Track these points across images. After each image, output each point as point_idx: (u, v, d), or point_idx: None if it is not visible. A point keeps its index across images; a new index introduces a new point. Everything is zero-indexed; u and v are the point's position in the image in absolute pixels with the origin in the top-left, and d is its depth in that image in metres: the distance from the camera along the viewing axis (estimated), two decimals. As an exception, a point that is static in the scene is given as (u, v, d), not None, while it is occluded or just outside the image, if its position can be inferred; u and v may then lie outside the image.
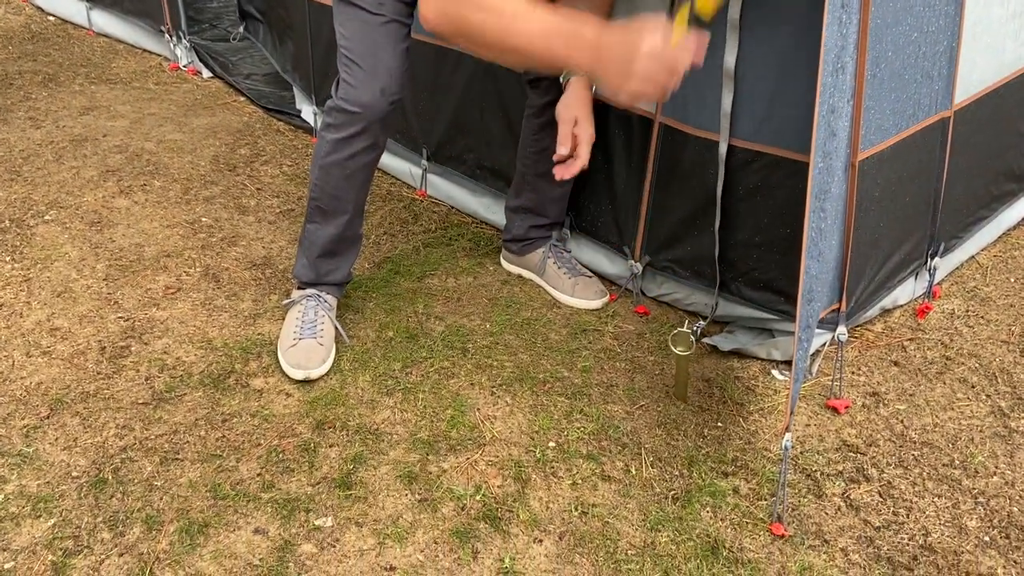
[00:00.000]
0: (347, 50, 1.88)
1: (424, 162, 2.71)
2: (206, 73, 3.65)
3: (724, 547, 1.61)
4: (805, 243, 1.59)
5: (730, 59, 1.87)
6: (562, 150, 1.93)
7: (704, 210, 2.06)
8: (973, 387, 2.01)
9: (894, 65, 1.83)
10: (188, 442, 1.81)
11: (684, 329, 1.92)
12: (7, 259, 2.37)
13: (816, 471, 1.79)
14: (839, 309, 1.97)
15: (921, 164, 2.05)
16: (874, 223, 1.96)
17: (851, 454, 1.83)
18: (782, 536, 1.64)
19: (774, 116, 1.88)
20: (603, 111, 2.13)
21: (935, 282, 2.27)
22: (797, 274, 1.90)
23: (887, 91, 1.84)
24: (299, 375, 1.97)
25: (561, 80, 2.01)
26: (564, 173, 1.94)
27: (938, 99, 2.02)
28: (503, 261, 2.44)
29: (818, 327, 1.95)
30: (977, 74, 2.14)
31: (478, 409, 1.92)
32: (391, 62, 1.86)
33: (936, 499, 1.73)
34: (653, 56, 1.30)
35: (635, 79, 1.32)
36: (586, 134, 1.93)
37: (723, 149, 1.94)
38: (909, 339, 2.16)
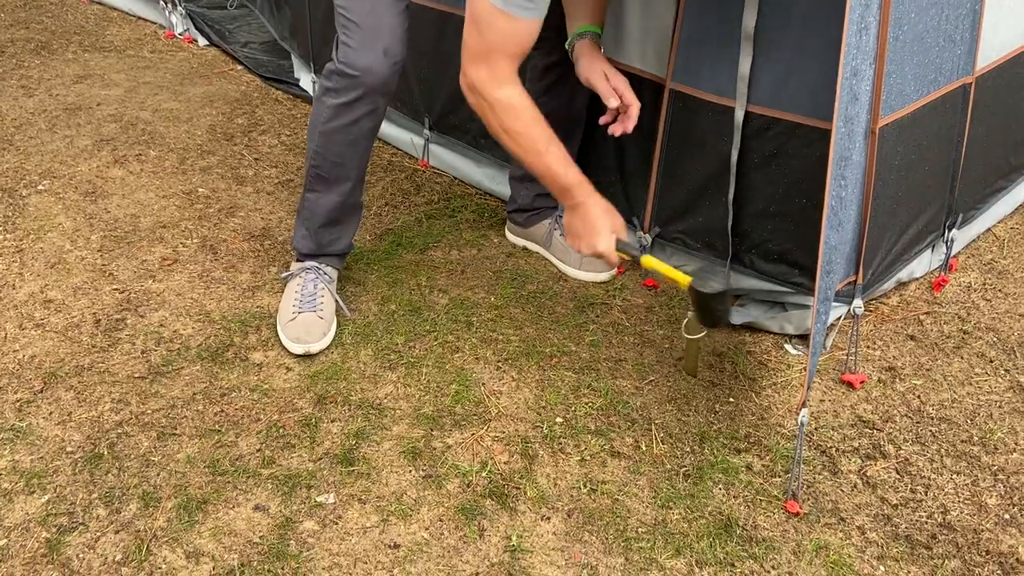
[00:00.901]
0: (345, 10, 1.81)
1: (426, 132, 2.64)
2: (202, 41, 3.56)
3: (737, 525, 1.57)
4: (825, 212, 1.54)
5: (750, 21, 1.80)
6: (612, 102, 1.89)
7: (717, 179, 1.99)
8: (991, 362, 1.96)
9: (916, 28, 1.76)
10: (186, 417, 1.76)
11: (693, 337, 1.85)
12: (-1, 230, 2.31)
13: (831, 447, 1.74)
14: (855, 282, 1.91)
15: (941, 132, 1.98)
16: (892, 193, 1.90)
17: (867, 430, 1.78)
18: (797, 514, 1.59)
19: (792, 80, 1.81)
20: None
21: (952, 254, 2.21)
22: (812, 246, 1.84)
23: (909, 54, 1.77)
24: (299, 349, 1.92)
25: (568, 49, 1.95)
26: (626, 126, 1.90)
27: (960, 64, 1.95)
28: (508, 233, 2.38)
29: (834, 300, 1.89)
30: (1000, 38, 2.07)
31: (483, 384, 1.87)
32: (392, 20, 1.79)
33: (955, 476, 1.68)
34: (594, 249, 1.76)
35: (577, 242, 1.78)
36: (623, 81, 1.90)
37: (739, 115, 1.88)
38: (925, 313, 2.11)
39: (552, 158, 1.72)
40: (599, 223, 1.74)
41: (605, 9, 1.95)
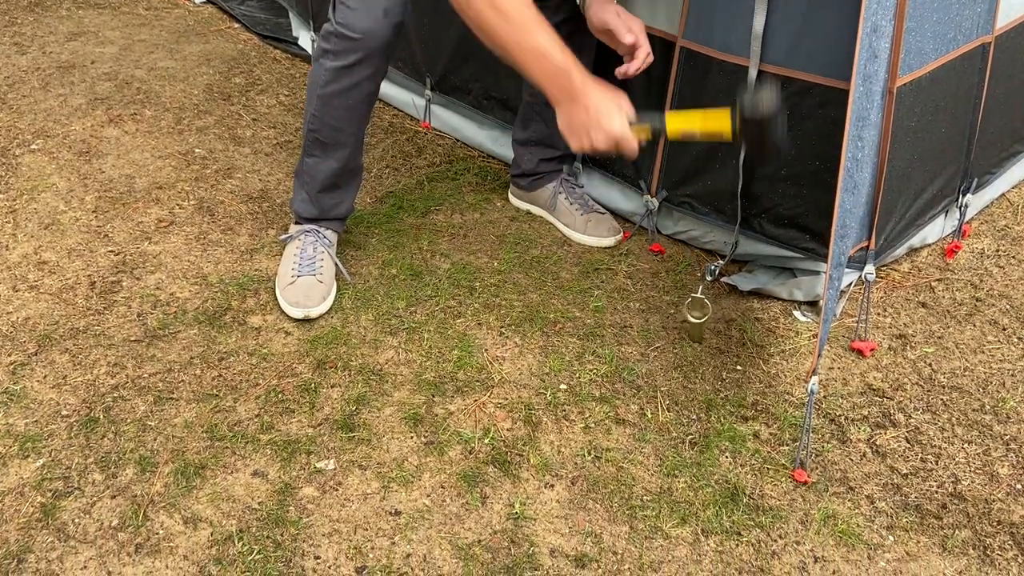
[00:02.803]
0: None
1: (428, 92, 2.57)
2: (199, -1, 3.48)
3: (744, 494, 1.54)
4: (841, 174, 1.49)
5: (763, -25, 1.73)
6: (628, 38, 1.80)
7: (727, 142, 1.93)
8: (1004, 329, 1.93)
9: (938, -17, 1.70)
10: (183, 381, 1.73)
11: (699, 295, 1.83)
12: (-9, 190, 2.26)
13: (840, 416, 1.71)
14: (867, 247, 1.86)
15: (959, 93, 1.92)
16: (907, 156, 1.85)
17: (877, 398, 1.75)
18: (805, 483, 1.57)
19: (807, 38, 1.75)
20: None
21: (966, 220, 2.16)
22: (824, 210, 1.80)
23: (929, 11, 1.71)
24: (298, 314, 1.88)
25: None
26: (629, 68, 1.82)
27: (980, 22, 1.89)
28: (511, 197, 2.33)
29: (846, 266, 1.85)
30: (1021, -3, 2.00)
31: (486, 350, 1.83)
32: None
33: (966, 445, 1.65)
34: (608, 134, 1.51)
35: (584, 138, 1.53)
36: (638, 23, 1.82)
37: (753, 74, 1.82)
38: (937, 279, 2.07)
39: (546, 39, 1.50)
40: (603, 104, 1.52)
41: None
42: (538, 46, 1.51)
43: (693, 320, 1.83)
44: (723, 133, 1.51)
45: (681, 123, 1.54)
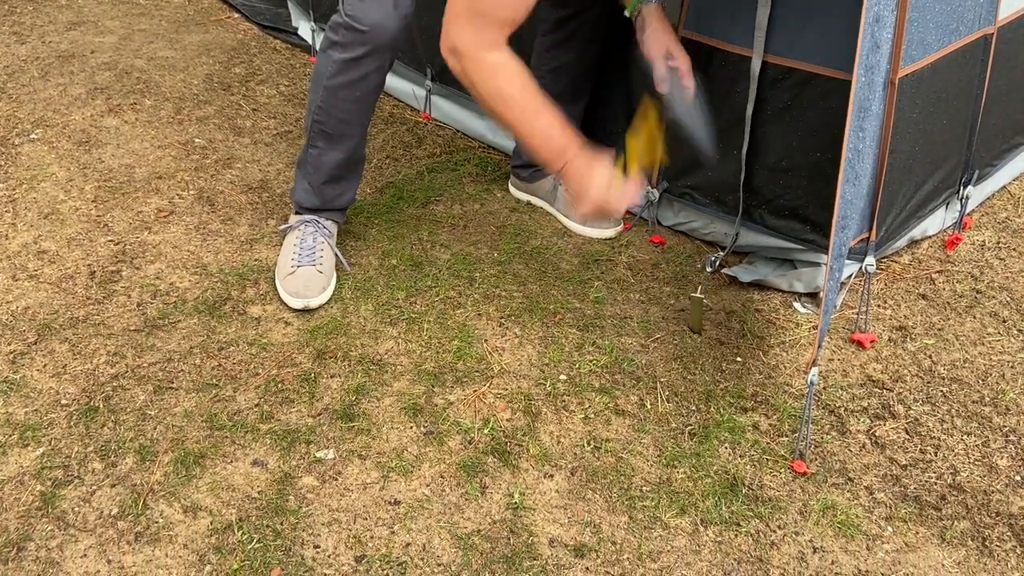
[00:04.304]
0: None
1: (428, 83, 2.57)
2: (198, -12, 3.46)
3: (743, 484, 1.54)
4: (843, 165, 1.48)
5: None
6: (663, 88, 1.79)
7: (728, 132, 1.93)
8: (1004, 321, 1.92)
9: (940, -27, 1.69)
10: (183, 371, 1.73)
11: (697, 295, 1.83)
12: (-9, 179, 2.26)
13: (840, 407, 1.71)
14: (868, 239, 1.86)
15: (961, 84, 1.92)
16: (909, 147, 1.84)
17: (876, 390, 1.75)
18: (804, 474, 1.57)
19: (810, 29, 1.74)
20: (627, 22, 1.99)
21: (966, 212, 2.16)
22: (825, 201, 1.79)
23: (932, 1, 1.70)
24: (298, 304, 1.88)
25: (630, 15, 1.83)
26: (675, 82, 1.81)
27: (982, 13, 1.88)
28: (511, 187, 2.33)
29: (847, 257, 1.85)
30: (1024, -13, 1.99)
31: (486, 340, 1.83)
32: None
33: (965, 437, 1.65)
34: (593, 203, 1.61)
35: (582, 206, 1.63)
36: (685, 64, 1.80)
37: (756, 66, 1.81)
38: (938, 271, 2.06)
39: (546, 122, 1.58)
40: (586, 177, 1.61)
41: None
42: (541, 130, 1.59)
43: (696, 315, 1.83)
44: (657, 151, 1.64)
45: (637, 159, 1.65)
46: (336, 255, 1.99)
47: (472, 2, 1.53)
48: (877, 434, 1.65)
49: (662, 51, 1.79)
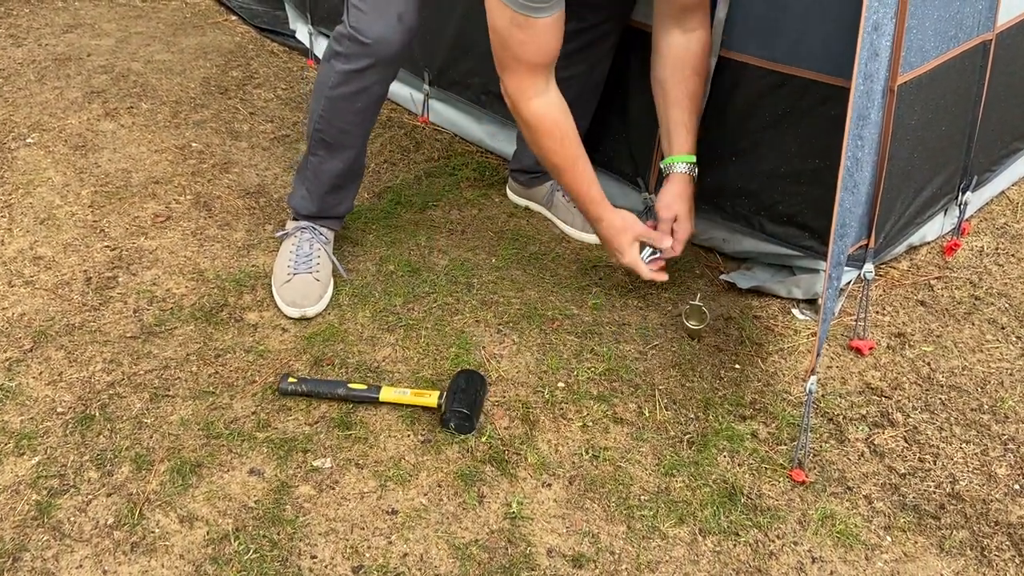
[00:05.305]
0: None
1: (426, 87, 2.56)
2: (196, -9, 3.45)
3: (742, 493, 1.54)
4: (841, 173, 1.48)
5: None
6: (664, 243, 1.88)
7: (726, 139, 1.93)
8: (1003, 328, 1.92)
9: (939, -20, 1.69)
10: (179, 378, 1.72)
11: (697, 302, 1.84)
12: (-13, 184, 2.25)
13: (838, 415, 1.70)
14: (867, 246, 1.86)
15: (960, 91, 1.91)
16: (907, 154, 1.84)
17: (875, 397, 1.74)
18: (803, 482, 1.56)
19: (808, 36, 1.74)
20: (628, 33, 1.99)
21: (965, 218, 2.15)
22: (824, 208, 1.79)
23: (931, 8, 1.70)
24: (295, 313, 1.87)
25: (662, 168, 1.92)
26: (653, 268, 1.90)
27: (981, 19, 1.88)
28: (509, 192, 2.32)
29: (845, 264, 1.84)
30: (1022, -7, 1.99)
31: (483, 347, 1.83)
32: None
33: (964, 445, 1.65)
34: (619, 261, 1.88)
35: (614, 257, 1.90)
36: (685, 233, 1.91)
37: (712, 64, 1.83)
38: (936, 278, 2.06)
39: (577, 174, 1.78)
40: (615, 241, 1.84)
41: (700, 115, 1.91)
42: (573, 181, 1.80)
43: (692, 327, 1.84)
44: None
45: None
46: (333, 262, 1.98)
47: (505, 52, 1.65)
48: (876, 442, 1.65)
49: (671, 216, 1.90)
